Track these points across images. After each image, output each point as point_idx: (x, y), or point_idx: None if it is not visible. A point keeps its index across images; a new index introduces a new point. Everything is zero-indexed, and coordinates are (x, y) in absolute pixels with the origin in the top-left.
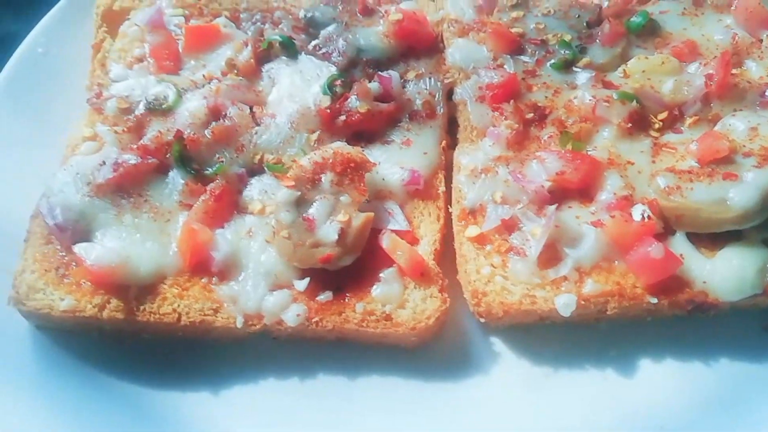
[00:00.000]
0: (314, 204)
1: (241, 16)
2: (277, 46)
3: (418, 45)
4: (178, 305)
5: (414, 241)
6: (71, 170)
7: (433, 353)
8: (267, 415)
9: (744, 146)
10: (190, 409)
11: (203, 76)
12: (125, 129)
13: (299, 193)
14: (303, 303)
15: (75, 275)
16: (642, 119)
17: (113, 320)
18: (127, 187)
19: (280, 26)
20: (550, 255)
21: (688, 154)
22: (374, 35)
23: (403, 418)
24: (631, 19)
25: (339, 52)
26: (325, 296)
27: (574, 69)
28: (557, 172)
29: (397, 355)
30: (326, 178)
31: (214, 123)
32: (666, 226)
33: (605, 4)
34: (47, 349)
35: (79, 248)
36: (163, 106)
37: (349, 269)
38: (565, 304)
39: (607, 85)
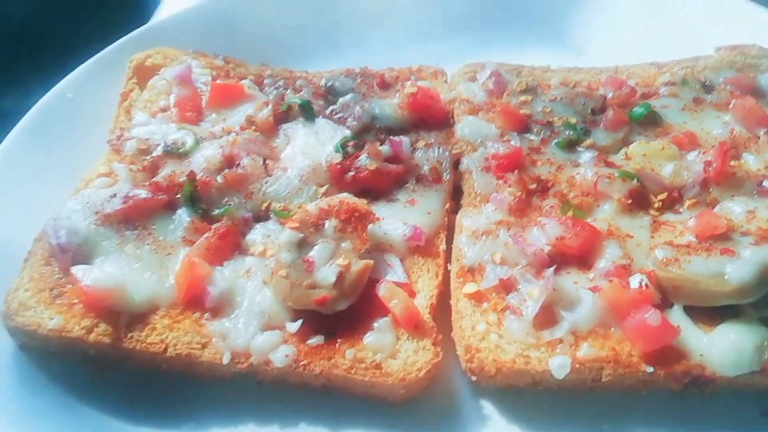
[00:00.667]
0: (315, 247)
1: (265, 81)
2: (296, 109)
3: (429, 118)
4: (167, 336)
5: (411, 294)
6: (81, 200)
7: (421, 411)
8: None
9: (741, 226)
10: None
11: (222, 129)
12: (141, 168)
13: (302, 235)
14: (293, 345)
15: (69, 294)
16: (642, 198)
17: (99, 344)
18: (133, 220)
19: (301, 93)
20: (547, 317)
21: (687, 230)
22: (389, 106)
23: None
24: (634, 109)
25: (354, 117)
26: (316, 340)
27: (578, 149)
28: (557, 237)
29: (384, 411)
30: (330, 224)
31: (227, 170)
32: (663, 298)
33: (609, 95)
34: (28, 371)
35: (77, 269)
36: (180, 150)
37: (343, 316)
38: (559, 365)
39: (609, 165)
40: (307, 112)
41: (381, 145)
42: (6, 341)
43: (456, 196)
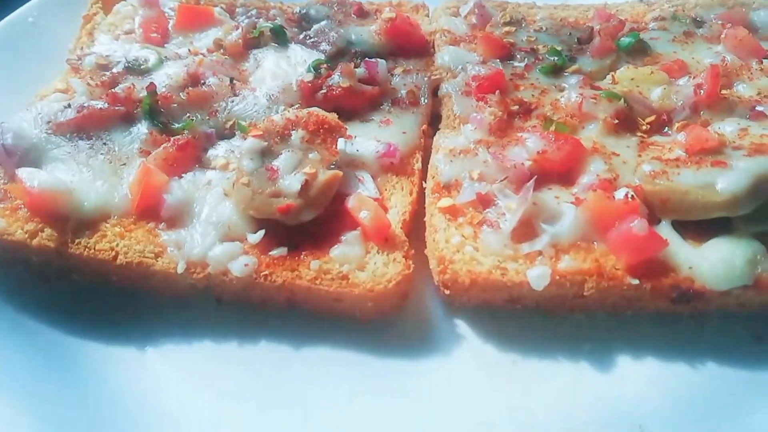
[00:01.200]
0: (280, 156)
1: (237, 10)
2: (267, 34)
3: (408, 45)
4: (117, 244)
5: (383, 209)
6: (34, 111)
7: (390, 330)
8: (196, 379)
9: (734, 141)
10: (114, 363)
11: (188, 51)
12: (99, 83)
13: (266, 143)
14: (254, 256)
15: (12, 192)
16: (629, 119)
17: (43, 249)
18: (87, 129)
19: (274, 21)
20: (526, 231)
21: (676, 146)
22: (366, 32)
23: (348, 394)
24: (622, 39)
25: (329, 42)
26: (279, 251)
27: (564, 74)
28: (539, 151)
29: (351, 329)
30: (297, 135)
31: (190, 87)
32: (651, 213)
33: (597, 26)
34: None
35: (22, 171)
36: (142, 67)
37: (309, 230)
38: (538, 276)
39: (595, 89)
40: (280, 37)
41: (356, 68)
42: None
43: (434, 123)
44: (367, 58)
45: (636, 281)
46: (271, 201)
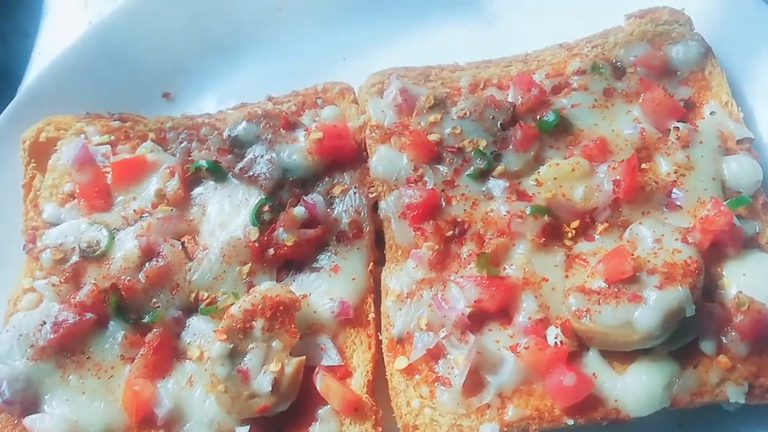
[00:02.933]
0: (247, 354)
1: (168, 136)
2: (204, 171)
3: (341, 158)
4: None
5: (347, 374)
6: (14, 332)
7: None
8: None
9: (648, 261)
10: None
11: (134, 211)
12: (62, 280)
13: (232, 345)
14: None
15: None
16: (555, 230)
17: None
18: (68, 346)
19: (206, 144)
20: (474, 381)
21: (597, 273)
22: (297, 153)
23: None
24: (544, 119)
25: (265, 175)
26: None
27: (490, 178)
28: (475, 300)
29: None
30: (257, 325)
31: (147, 264)
32: (580, 342)
33: (519, 100)
34: None
35: (29, 421)
36: (97, 253)
37: (287, 410)
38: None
39: (522, 196)
40: (217, 174)
41: (296, 202)
42: None
43: (378, 239)
44: (304, 197)
45: (572, 421)
46: (249, 404)
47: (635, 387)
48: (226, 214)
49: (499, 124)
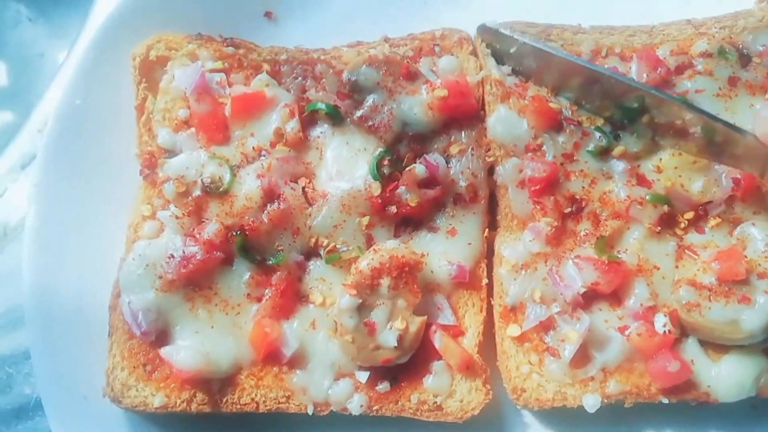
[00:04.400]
0: (374, 310)
1: (282, 69)
2: (321, 113)
3: (461, 116)
4: (255, 395)
5: (460, 333)
6: (140, 260)
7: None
8: None
9: (759, 265)
10: None
11: (253, 148)
12: (185, 213)
13: (360, 300)
14: (364, 393)
15: (167, 379)
16: (669, 218)
17: (201, 412)
18: (196, 280)
19: (322, 82)
20: (581, 354)
21: (709, 270)
22: (418, 106)
23: None
24: None
25: (385, 127)
26: (383, 387)
27: (611, 157)
28: (592, 282)
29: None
30: (384, 283)
31: (269, 206)
32: (682, 330)
33: (644, 77)
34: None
35: (165, 353)
36: (220, 189)
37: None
38: (591, 404)
39: (641, 181)
40: (335, 118)
41: (413, 157)
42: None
43: (491, 207)
44: (426, 157)
45: (666, 400)
46: (374, 354)
47: (727, 376)
48: (345, 162)
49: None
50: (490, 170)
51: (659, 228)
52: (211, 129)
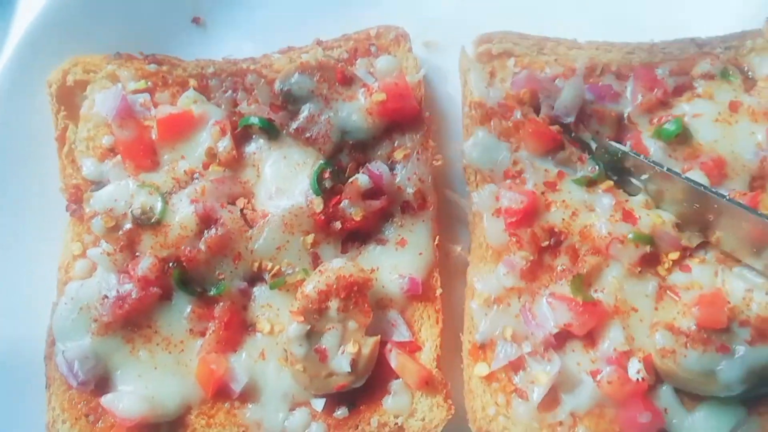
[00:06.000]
0: (325, 335)
1: (210, 83)
2: (255, 128)
3: (403, 120)
4: None
5: (417, 348)
6: (73, 304)
7: None
8: None
9: (742, 312)
10: None
11: (184, 171)
12: (117, 249)
13: (309, 326)
14: (322, 421)
15: (112, 428)
16: (652, 257)
17: None
18: (134, 320)
19: (253, 94)
20: (549, 397)
21: (689, 314)
22: (357, 113)
23: None
24: (664, 127)
25: (324, 138)
26: (341, 412)
27: (598, 189)
28: (565, 323)
29: None
30: (333, 305)
31: (206, 232)
32: (657, 376)
33: (639, 99)
34: None
35: (106, 401)
36: (152, 220)
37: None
38: None
39: (627, 216)
40: (270, 132)
41: (356, 167)
42: None
43: (440, 216)
44: (369, 167)
45: None
46: (327, 381)
47: (702, 427)
48: (284, 178)
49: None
50: (440, 176)
51: (639, 269)
52: (138, 155)
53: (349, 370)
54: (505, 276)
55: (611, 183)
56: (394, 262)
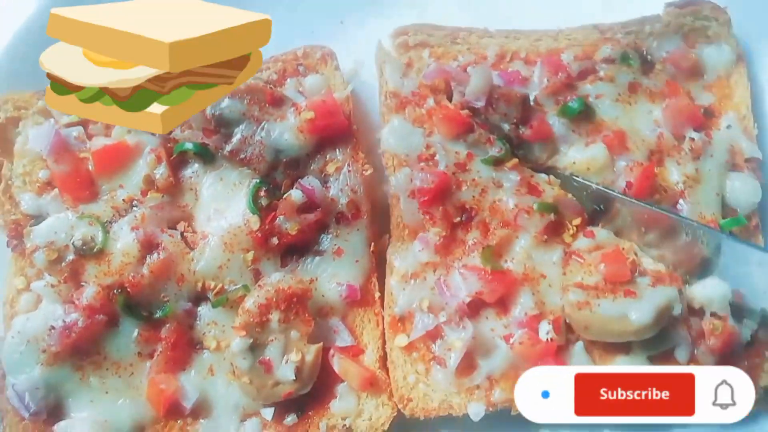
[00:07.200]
0: (268, 347)
1: None
2: (190, 153)
3: (333, 135)
4: None
5: (360, 352)
6: (20, 338)
7: None
8: None
9: (640, 265)
10: None
11: (123, 200)
12: (61, 281)
13: (251, 339)
14: (273, 429)
15: None
16: (557, 226)
17: None
18: (82, 348)
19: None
20: (467, 363)
21: (596, 272)
22: (288, 132)
23: None
24: (568, 104)
25: (258, 158)
26: (291, 419)
27: (504, 168)
28: (476, 291)
29: None
30: (274, 318)
31: (148, 257)
32: (568, 337)
33: (544, 82)
34: None
35: (60, 429)
36: (94, 250)
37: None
38: (475, 412)
39: (531, 190)
40: (205, 157)
41: (291, 183)
42: None
43: (373, 212)
44: (301, 182)
45: None
46: (274, 391)
47: None
48: (221, 199)
49: (512, 120)
50: (377, 182)
51: (546, 237)
52: (75, 188)
53: (294, 378)
54: (420, 252)
55: (516, 160)
56: (333, 271)
